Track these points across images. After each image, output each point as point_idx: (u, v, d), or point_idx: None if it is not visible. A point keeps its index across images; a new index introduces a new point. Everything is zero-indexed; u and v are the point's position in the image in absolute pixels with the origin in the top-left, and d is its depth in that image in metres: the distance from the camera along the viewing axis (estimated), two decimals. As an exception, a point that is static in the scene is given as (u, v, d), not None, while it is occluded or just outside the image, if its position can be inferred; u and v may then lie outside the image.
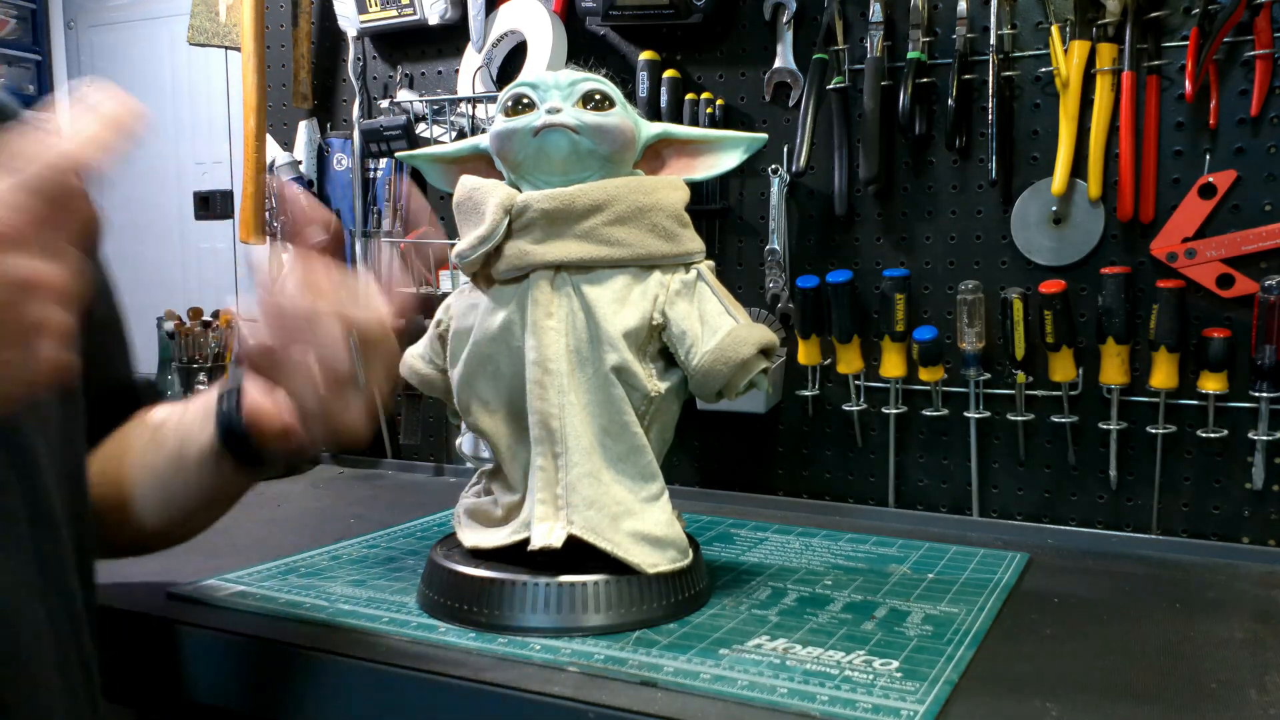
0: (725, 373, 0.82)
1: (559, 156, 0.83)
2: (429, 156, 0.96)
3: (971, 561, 1.01)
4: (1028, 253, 1.13)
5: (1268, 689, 0.71)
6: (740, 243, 1.27)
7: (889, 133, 1.17)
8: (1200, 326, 1.06)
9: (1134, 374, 1.09)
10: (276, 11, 1.51)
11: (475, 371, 0.87)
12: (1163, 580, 0.98)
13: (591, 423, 0.82)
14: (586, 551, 0.80)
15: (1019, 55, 1.12)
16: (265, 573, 0.95)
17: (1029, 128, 1.13)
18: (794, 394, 1.26)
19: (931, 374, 1.16)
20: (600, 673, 0.72)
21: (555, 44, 1.31)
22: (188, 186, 1.65)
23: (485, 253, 0.83)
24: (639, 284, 0.83)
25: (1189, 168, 1.06)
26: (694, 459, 1.32)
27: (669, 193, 0.85)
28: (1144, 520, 1.11)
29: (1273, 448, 1.05)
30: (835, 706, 0.66)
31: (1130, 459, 1.11)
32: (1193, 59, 1.03)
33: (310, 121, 1.53)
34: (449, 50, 1.42)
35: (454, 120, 1.37)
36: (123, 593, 0.89)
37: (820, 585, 0.93)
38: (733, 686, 0.69)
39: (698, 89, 1.27)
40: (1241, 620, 0.86)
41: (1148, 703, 0.69)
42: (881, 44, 1.16)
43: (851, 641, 0.78)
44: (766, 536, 1.10)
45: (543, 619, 0.79)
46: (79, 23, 1.75)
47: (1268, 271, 1.03)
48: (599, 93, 0.83)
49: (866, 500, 1.23)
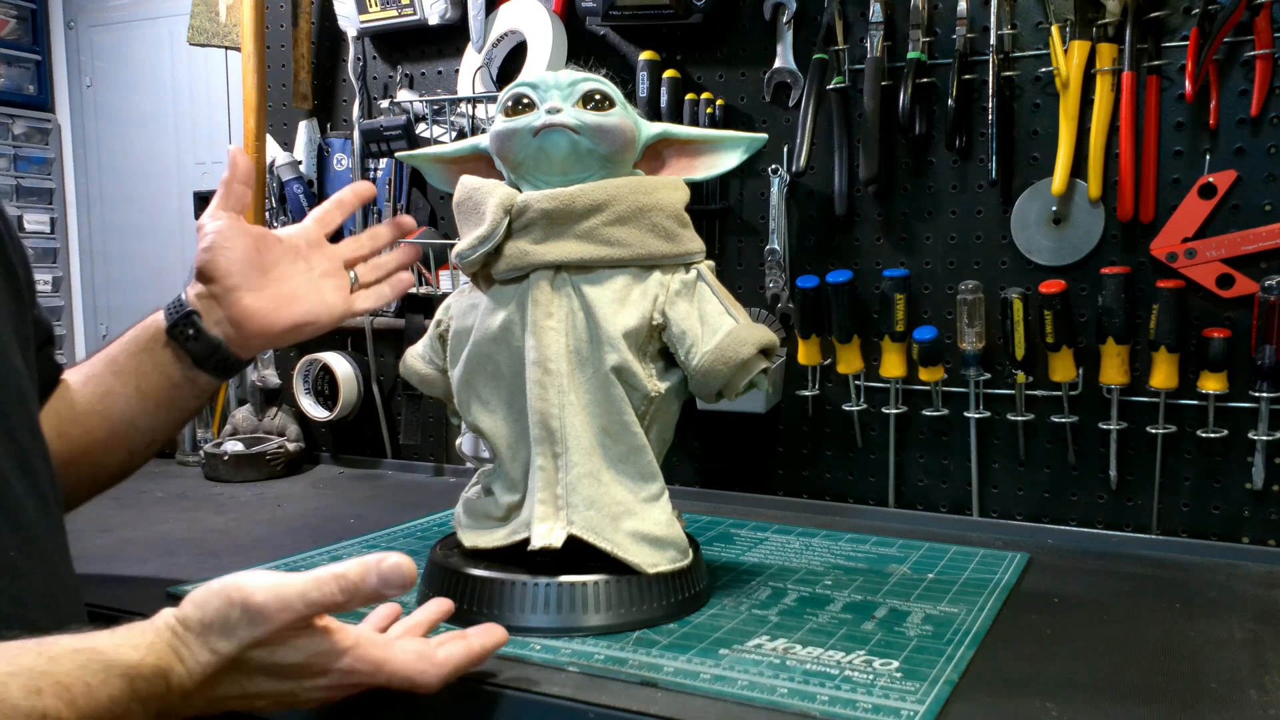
0: (725, 373, 0.82)
1: (559, 156, 0.83)
2: (429, 156, 0.96)
3: (971, 561, 1.01)
4: (1028, 253, 1.13)
5: (1268, 689, 0.71)
6: (740, 243, 1.27)
7: (889, 133, 1.17)
8: (1200, 326, 1.06)
9: (1134, 374, 1.09)
10: (276, 11, 1.51)
11: (475, 371, 0.87)
12: (1163, 580, 0.98)
13: (591, 423, 0.82)
14: (586, 551, 0.80)
15: (1019, 55, 1.12)
16: (265, 573, 0.95)
17: (1029, 128, 1.13)
18: (794, 394, 1.26)
19: (931, 374, 1.16)
20: (600, 673, 0.72)
21: (555, 44, 1.31)
22: (188, 186, 1.65)
23: (485, 253, 0.83)
24: (639, 284, 0.83)
25: (1189, 168, 1.06)
26: (694, 459, 1.32)
27: (669, 193, 0.85)
28: (1144, 520, 1.11)
29: (1273, 448, 1.05)
30: (835, 706, 0.66)
31: (1130, 459, 1.11)
32: (1193, 59, 1.03)
33: (310, 121, 1.53)
34: (449, 50, 1.42)
35: (454, 120, 1.37)
36: (123, 593, 0.89)
37: (820, 585, 0.93)
38: (733, 686, 0.69)
39: (698, 89, 1.27)
40: (1241, 620, 0.86)
41: (1148, 703, 0.69)
42: (881, 44, 1.16)
43: (851, 641, 0.78)
44: (766, 536, 1.10)
45: (543, 619, 0.79)
46: (79, 23, 1.75)
47: (1268, 271, 1.03)
48: (599, 93, 0.83)
49: (866, 500, 1.23)
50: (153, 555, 1.03)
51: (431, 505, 1.25)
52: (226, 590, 0.59)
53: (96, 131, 1.75)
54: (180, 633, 0.59)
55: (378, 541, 1.07)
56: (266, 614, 0.59)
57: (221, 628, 0.59)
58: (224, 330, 0.86)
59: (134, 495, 1.30)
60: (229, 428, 1.50)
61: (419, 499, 1.31)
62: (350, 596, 0.60)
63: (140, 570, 0.97)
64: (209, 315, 0.86)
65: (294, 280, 0.89)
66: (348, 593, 0.60)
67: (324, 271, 0.92)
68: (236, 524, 1.17)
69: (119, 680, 0.56)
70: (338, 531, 1.12)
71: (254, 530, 1.14)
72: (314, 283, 0.91)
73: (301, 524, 1.17)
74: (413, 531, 1.12)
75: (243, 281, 0.86)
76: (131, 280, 1.74)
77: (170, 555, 1.03)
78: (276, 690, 0.61)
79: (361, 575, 0.60)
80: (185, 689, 0.58)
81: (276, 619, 0.59)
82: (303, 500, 1.31)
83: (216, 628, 0.59)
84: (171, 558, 1.02)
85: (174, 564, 0.99)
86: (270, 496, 1.33)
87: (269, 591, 0.59)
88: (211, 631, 0.59)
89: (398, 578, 0.61)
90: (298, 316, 0.89)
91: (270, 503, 1.29)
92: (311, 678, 0.62)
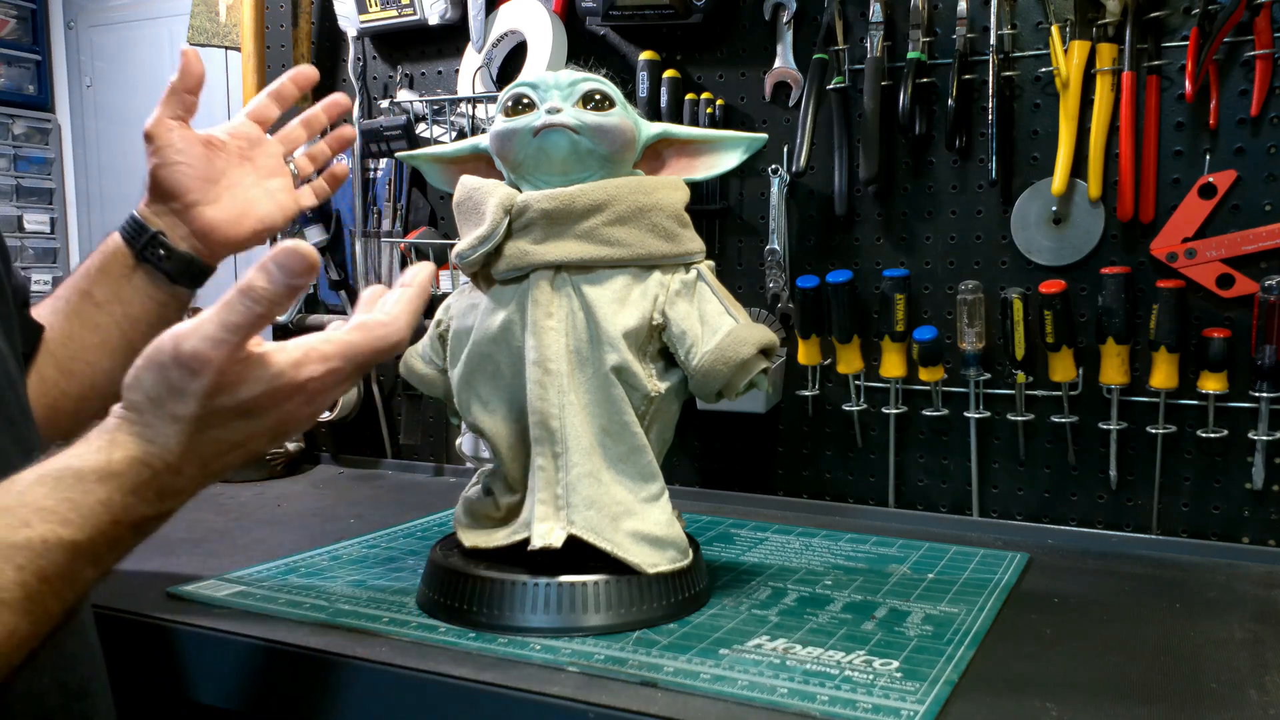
0: (725, 373, 0.82)
1: (559, 156, 0.83)
2: (429, 156, 0.96)
3: (971, 561, 1.01)
4: (1028, 253, 1.13)
5: (1268, 689, 0.71)
6: (740, 243, 1.27)
7: (889, 133, 1.17)
8: (1200, 326, 1.06)
9: (1134, 374, 1.09)
10: (276, 11, 1.51)
11: (475, 371, 0.87)
12: (1163, 580, 0.98)
13: (591, 423, 0.82)
14: (586, 551, 0.80)
15: (1019, 55, 1.12)
16: (265, 573, 0.95)
17: (1029, 128, 1.13)
18: (794, 394, 1.26)
19: (931, 374, 1.16)
20: (600, 673, 0.72)
21: (555, 44, 1.31)
22: (188, 186, 1.65)
23: (485, 253, 0.83)
24: (639, 284, 0.83)
25: (1189, 168, 1.06)
26: (694, 459, 1.32)
27: (669, 193, 0.85)
28: (1144, 520, 1.11)
29: (1273, 448, 1.05)
30: (835, 706, 0.66)
31: (1130, 459, 1.11)
32: (1193, 59, 1.03)
33: (310, 121, 1.53)
34: (449, 50, 1.42)
35: (454, 120, 1.37)
36: (123, 593, 0.89)
37: (820, 585, 0.93)
38: (733, 686, 0.69)
39: (698, 89, 1.27)
40: (1241, 620, 0.86)
41: (1148, 703, 0.69)
42: (881, 44, 1.16)
43: (851, 641, 0.78)
44: (766, 536, 1.10)
45: (543, 619, 0.79)
46: (79, 23, 1.75)
47: (1268, 271, 1.03)
48: (599, 93, 0.83)
49: (866, 500, 1.23)
50: (153, 555, 1.03)
51: (431, 505, 1.25)
52: (154, 356, 0.56)
53: (96, 131, 1.75)
54: (132, 418, 0.57)
55: (378, 541, 1.07)
56: (201, 357, 0.55)
57: (170, 392, 0.56)
58: (190, 244, 0.86)
59: (134, 495, 1.30)
60: (229, 428, 1.50)
61: (419, 499, 1.30)
62: (263, 302, 0.55)
63: (140, 570, 0.97)
64: (174, 232, 0.86)
65: (244, 186, 0.90)
66: (259, 299, 0.55)
67: (268, 170, 0.92)
68: (236, 524, 1.17)
69: (98, 485, 0.54)
70: (338, 531, 1.12)
71: (254, 530, 1.14)
72: (262, 185, 0.91)
73: (301, 524, 1.17)
74: (413, 531, 1.12)
75: (200, 196, 0.86)
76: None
77: (170, 555, 1.03)
78: (262, 427, 0.59)
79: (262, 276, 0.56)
80: (170, 464, 0.57)
81: (214, 356, 0.55)
82: (303, 500, 1.31)
83: (165, 395, 0.56)
84: (171, 558, 1.02)
85: (174, 564, 0.99)
86: (270, 496, 1.32)
87: (191, 337, 0.56)
88: (162, 402, 0.56)
89: (295, 261, 0.55)
90: (256, 224, 0.89)
91: (270, 503, 1.29)
92: (286, 399, 0.59)
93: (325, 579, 0.93)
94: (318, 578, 0.94)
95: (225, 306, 0.55)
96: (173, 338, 0.56)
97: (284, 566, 0.97)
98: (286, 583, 0.92)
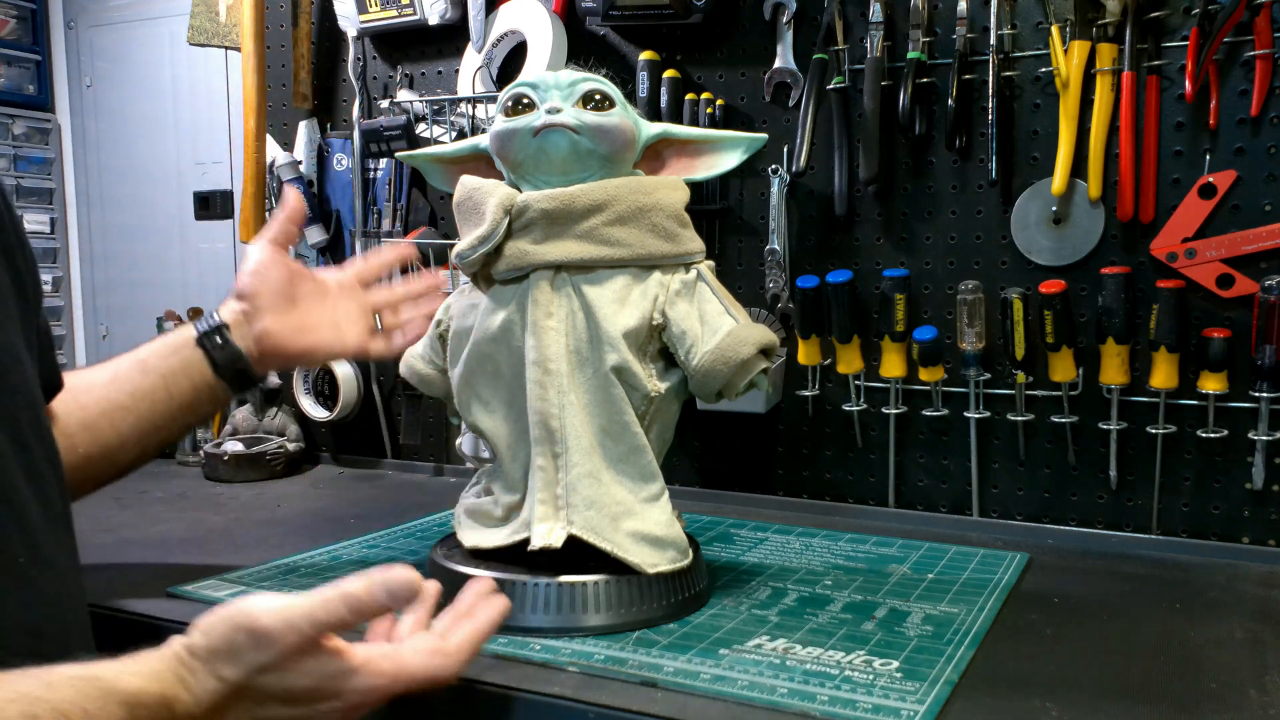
0: (725, 373, 0.82)
1: (559, 156, 0.83)
2: (429, 156, 0.96)
3: (971, 561, 1.01)
4: (1028, 253, 1.13)
5: (1268, 689, 0.71)
6: (740, 243, 1.27)
7: (889, 133, 1.17)
8: (1200, 326, 1.06)
9: (1134, 374, 1.09)
10: (276, 11, 1.51)
11: (475, 371, 0.87)
12: (1163, 580, 0.98)
13: (591, 423, 0.82)
14: (586, 551, 0.80)
15: (1019, 55, 1.12)
16: (265, 573, 0.95)
17: (1029, 128, 1.13)
18: (794, 394, 1.26)
19: (931, 374, 1.16)
20: (600, 673, 0.72)
21: (555, 44, 1.31)
22: (188, 186, 1.65)
23: (485, 253, 0.83)
24: (639, 284, 0.83)
25: (1189, 168, 1.06)
26: (694, 459, 1.32)
27: (669, 193, 0.85)
28: (1144, 520, 1.11)
29: (1273, 448, 1.05)
30: (835, 706, 0.66)
31: (1130, 459, 1.11)
32: (1193, 59, 1.03)
33: (310, 121, 1.53)
34: (449, 50, 1.42)
35: (454, 120, 1.37)
36: (123, 593, 0.89)
37: (820, 585, 0.93)
38: (733, 686, 0.69)
39: (698, 89, 1.27)
40: (1241, 620, 0.86)
41: (1148, 703, 0.69)
42: (881, 44, 1.16)
43: (851, 641, 0.78)
44: (766, 536, 1.10)
45: (543, 619, 0.79)
46: (79, 23, 1.75)
47: (1268, 271, 1.03)
48: (599, 93, 0.83)
49: (866, 500, 1.23)
50: (153, 555, 1.03)
51: (431, 505, 1.25)
52: (232, 615, 0.59)
53: (96, 131, 1.75)
54: (187, 660, 0.59)
55: (378, 541, 1.07)
56: (272, 637, 0.58)
57: (228, 653, 0.58)
58: (246, 345, 0.92)
59: (134, 495, 1.30)
60: (229, 428, 1.50)
61: (419, 499, 1.31)
62: (358, 614, 0.60)
63: (140, 570, 0.97)
64: (236, 330, 0.92)
65: (316, 314, 0.96)
66: (355, 611, 0.60)
67: (348, 312, 0.98)
68: (236, 524, 1.17)
69: (117, 708, 0.55)
70: (338, 531, 1.12)
71: (254, 530, 1.14)
72: (334, 319, 0.97)
73: (301, 524, 1.17)
74: (413, 531, 1.12)
75: (270, 305, 0.92)
76: (131, 280, 1.74)
77: (170, 555, 1.03)
78: (290, 716, 0.61)
79: (369, 592, 0.60)
80: (193, 716, 0.58)
81: (282, 642, 0.58)
82: (303, 500, 1.31)
83: (223, 654, 0.58)
84: (171, 558, 1.02)
85: (174, 564, 0.99)
86: (270, 496, 1.33)
87: (275, 614, 0.59)
88: (218, 658, 0.58)
89: (406, 591, 0.60)
90: (309, 344, 0.94)
91: (270, 503, 1.29)
92: (324, 700, 0.61)
93: (325, 579, 0.93)
94: (318, 578, 0.94)
95: (323, 602, 0.59)
96: (255, 607, 0.59)
97: (284, 566, 0.97)
98: (286, 583, 0.92)
